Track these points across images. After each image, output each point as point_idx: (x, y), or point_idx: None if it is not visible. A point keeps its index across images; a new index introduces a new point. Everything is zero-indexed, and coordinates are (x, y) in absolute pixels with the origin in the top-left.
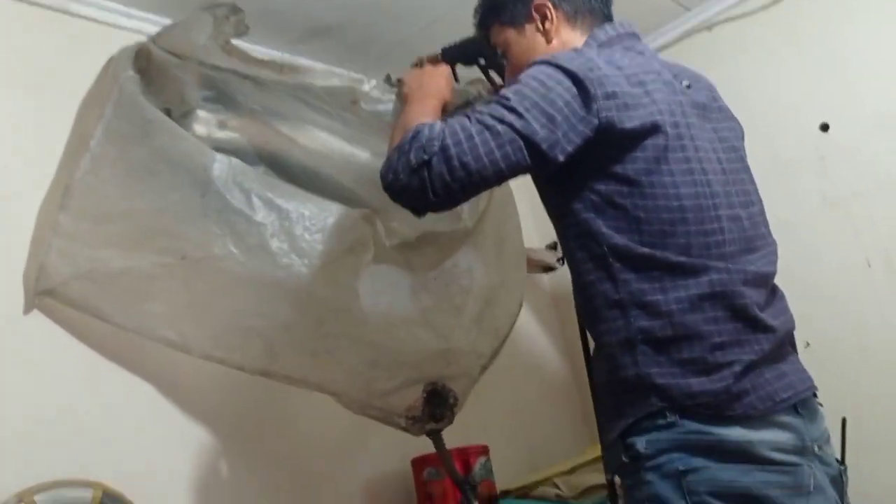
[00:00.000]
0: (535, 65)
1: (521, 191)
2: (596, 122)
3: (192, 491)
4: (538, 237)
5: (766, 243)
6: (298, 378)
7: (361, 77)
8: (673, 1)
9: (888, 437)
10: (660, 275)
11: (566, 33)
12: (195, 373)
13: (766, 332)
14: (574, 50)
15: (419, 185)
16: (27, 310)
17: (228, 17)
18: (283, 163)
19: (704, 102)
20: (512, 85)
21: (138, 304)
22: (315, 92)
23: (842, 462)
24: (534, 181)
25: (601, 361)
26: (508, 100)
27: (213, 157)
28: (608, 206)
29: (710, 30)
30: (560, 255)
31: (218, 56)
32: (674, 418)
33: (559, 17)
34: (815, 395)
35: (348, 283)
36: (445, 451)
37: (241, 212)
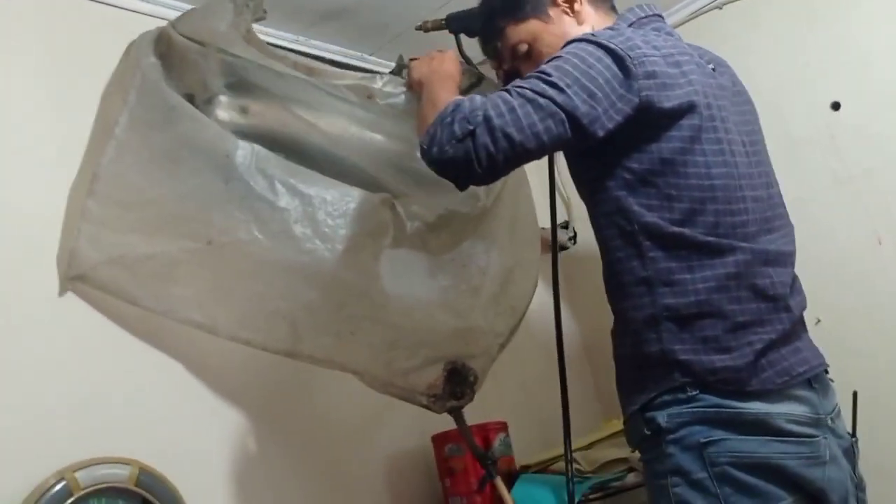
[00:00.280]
0: (574, 42)
1: (532, 172)
2: (636, 101)
3: (222, 467)
4: (549, 218)
5: (785, 224)
6: (322, 358)
7: (373, 75)
8: None
9: None
10: (688, 254)
11: (592, 15)
12: (223, 354)
13: (787, 312)
14: (611, 28)
15: (464, 156)
16: (61, 292)
17: (248, 3)
18: (303, 148)
19: (729, 85)
20: (552, 61)
21: (166, 287)
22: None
23: (853, 434)
24: (566, 157)
25: (625, 337)
26: (549, 75)
27: (235, 143)
28: (640, 184)
29: (720, 8)
30: (571, 235)
31: (239, 45)
32: (694, 393)
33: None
34: (826, 371)
35: (369, 267)
36: (467, 428)
37: (264, 198)
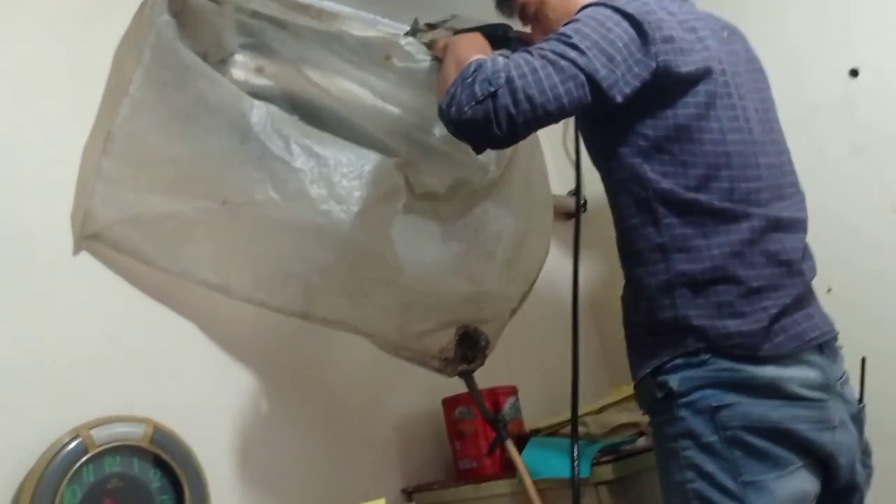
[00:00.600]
0: (591, 6)
1: (542, 139)
2: (654, 66)
3: (235, 427)
4: (560, 185)
5: (796, 191)
6: (335, 320)
7: (399, 32)
8: None
9: None
10: (702, 220)
11: None
12: (236, 315)
13: (800, 276)
14: None
15: (484, 117)
16: (76, 251)
17: None
18: (316, 111)
19: (742, 52)
20: (570, 24)
21: (181, 247)
22: (350, 45)
23: (861, 400)
24: (580, 125)
25: (638, 303)
26: (570, 37)
27: (251, 103)
28: (655, 150)
29: None
30: (582, 202)
31: (257, 0)
32: (707, 357)
33: None
34: (835, 339)
35: (383, 230)
36: (478, 392)
37: (280, 158)
